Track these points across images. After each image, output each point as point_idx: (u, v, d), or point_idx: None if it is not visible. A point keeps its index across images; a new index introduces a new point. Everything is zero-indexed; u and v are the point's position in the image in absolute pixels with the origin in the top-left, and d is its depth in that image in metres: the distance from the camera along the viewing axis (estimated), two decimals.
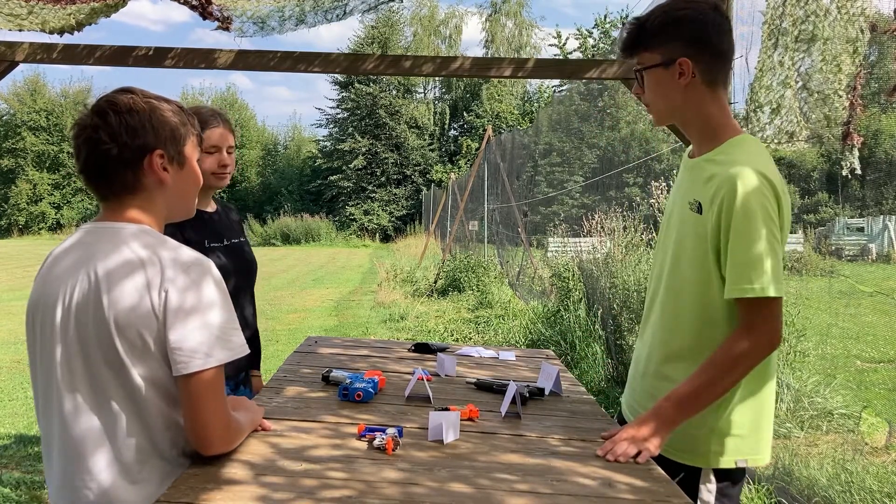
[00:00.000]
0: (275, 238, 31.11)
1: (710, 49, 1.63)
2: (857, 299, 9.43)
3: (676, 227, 1.74)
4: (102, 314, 1.32)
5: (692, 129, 1.73)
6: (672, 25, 1.63)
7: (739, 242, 1.54)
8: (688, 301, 1.67)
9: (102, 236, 1.39)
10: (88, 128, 1.37)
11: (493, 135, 14.45)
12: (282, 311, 10.65)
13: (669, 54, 1.62)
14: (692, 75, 1.62)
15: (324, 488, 1.33)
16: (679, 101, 1.66)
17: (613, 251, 6.46)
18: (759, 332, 1.55)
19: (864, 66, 2.61)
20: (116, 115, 1.36)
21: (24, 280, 15.12)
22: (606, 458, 1.55)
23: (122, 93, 1.41)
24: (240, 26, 3.63)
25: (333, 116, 36.13)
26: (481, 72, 3.69)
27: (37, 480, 3.82)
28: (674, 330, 1.71)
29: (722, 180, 1.58)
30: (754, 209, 1.53)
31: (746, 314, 1.57)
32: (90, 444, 1.34)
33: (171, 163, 1.42)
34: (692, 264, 1.66)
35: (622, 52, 1.74)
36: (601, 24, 28.74)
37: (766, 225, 1.53)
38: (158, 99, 1.44)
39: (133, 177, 1.38)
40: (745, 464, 1.67)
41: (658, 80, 1.66)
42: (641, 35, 1.67)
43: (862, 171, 2.61)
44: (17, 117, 35.71)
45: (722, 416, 1.64)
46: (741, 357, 1.55)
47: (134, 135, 1.36)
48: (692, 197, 1.67)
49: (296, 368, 2.30)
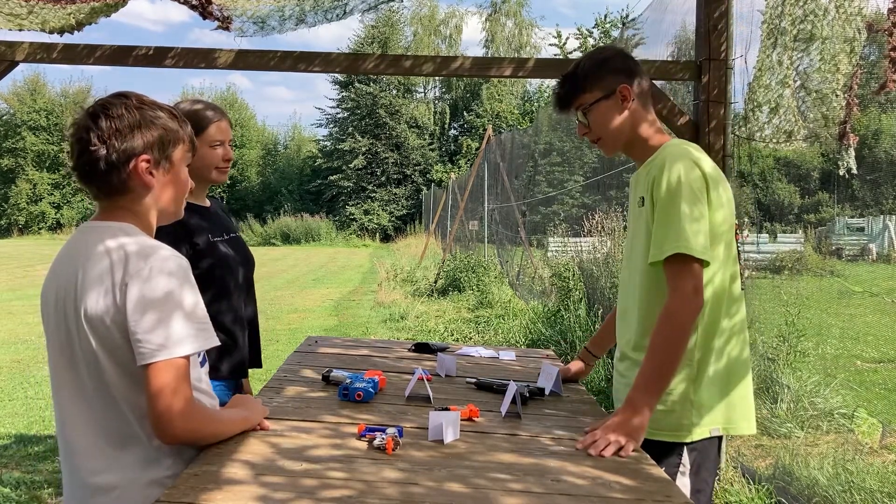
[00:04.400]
0: (275, 238, 31.11)
1: (636, 74, 1.86)
2: (857, 299, 9.44)
3: (632, 230, 1.92)
4: (77, 308, 1.39)
5: (636, 148, 1.92)
6: (601, 64, 1.86)
7: (662, 214, 1.73)
8: (644, 290, 1.84)
9: (90, 234, 1.45)
10: (81, 128, 1.42)
11: (493, 134, 14.46)
12: (282, 310, 10.65)
13: (609, 86, 1.84)
14: (632, 98, 1.84)
15: (324, 488, 1.33)
16: (626, 126, 1.87)
17: (614, 251, 6.46)
18: (679, 292, 1.69)
19: (861, 65, 2.61)
20: (107, 118, 1.41)
21: (23, 280, 15.13)
22: (590, 453, 1.58)
23: (116, 97, 1.46)
24: (240, 26, 3.63)
25: (333, 116, 36.15)
26: (481, 71, 3.70)
27: (37, 480, 3.82)
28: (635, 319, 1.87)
29: (655, 166, 1.80)
30: (676, 180, 1.72)
31: (668, 277, 1.73)
32: (77, 432, 1.44)
33: (157, 167, 1.47)
34: (643, 255, 1.81)
35: (560, 105, 1.95)
36: (601, 24, 28.74)
37: (689, 200, 1.70)
38: (153, 105, 1.48)
39: (119, 179, 1.43)
40: (719, 432, 1.80)
41: (604, 112, 1.85)
42: (577, 82, 1.87)
43: (861, 171, 2.62)
44: (17, 117, 35.73)
45: (696, 390, 1.78)
46: (671, 321, 1.69)
47: (121, 139, 1.41)
48: (638, 196, 1.88)
49: (296, 368, 2.30)
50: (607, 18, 28.72)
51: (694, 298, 1.69)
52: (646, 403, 1.66)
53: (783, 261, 12.36)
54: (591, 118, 1.87)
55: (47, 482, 3.80)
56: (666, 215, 1.71)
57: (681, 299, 1.69)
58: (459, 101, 36.40)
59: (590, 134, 1.90)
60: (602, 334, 2.31)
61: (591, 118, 1.87)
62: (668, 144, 1.86)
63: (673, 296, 1.70)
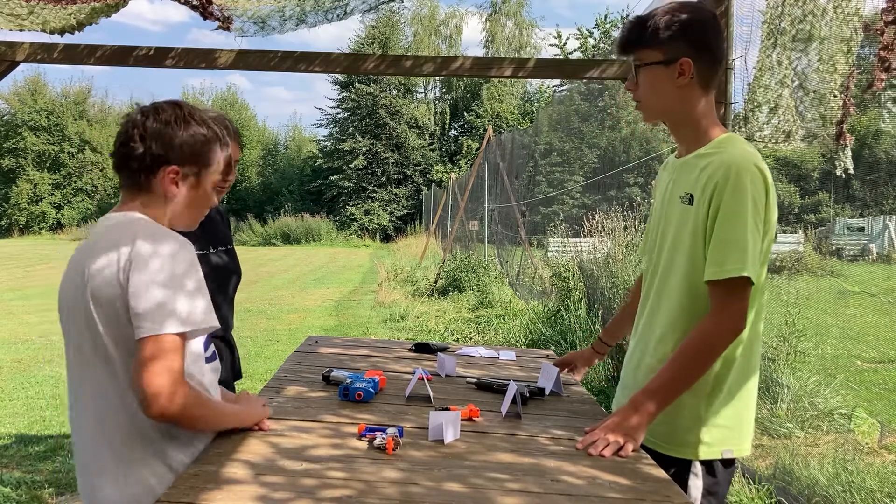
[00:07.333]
0: (275, 238, 31.10)
1: (710, 53, 1.68)
2: (856, 299, 9.44)
3: (668, 224, 1.76)
4: (84, 289, 1.43)
5: (683, 129, 1.77)
6: (676, 26, 1.66)
7: (724, 223, 1.59)
8: (680, 294, 1.71)
9: (107, 224, 1.51)
10: (129, 122, 1.49)
11: (493, 135, 14.44)
12: (282, 310, 10.65)
13: (672, 53, 1.66)
14: (691, 76, 1.67)
15: (324, 488, 1.33)
16: (674, 101, 1.71)
17: (614, 251, 6.46)
18: (726, 314, 1.59)
19: (858, 65, 2.61)
20: (154, 121, 1.48)
21: (24, 280, 15.13)
22: (588, 453, 1.57)
23: (170, 104, 1.53)
24: (240, 26, 3.63)
25: (334, 116, 36.12)
26: (482, 72, 3.70)
27: (37, 480, 3.82)
28: (667, 325, 1.74)
29: (715, 168, 1.62)
30: (744, 193, 1.57)
31: (716, 296, 1.61)
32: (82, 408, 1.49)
33: (185, 180, 1.52)
34: (685, 257, 1.69)
35: (621, 47, 1.77)
36: (601, 24, 28.74)
37: (753, 211, 1.58)
38: (201, 121, 1.53)
39: (146, 179, 1.49)
40: (731, 454, 1.70)
41: (656, 78, 1.70)
42: (644, 33, 1.69)
43: (861, 171, 2.63)
44: (17, 117, 35.69)
45: (710, 407, 1.67)
46: (708, 341, 1.60)
47: (159, 144, 1.47)
48: (683, 191, 1.71)
49: (296, 368, 2.31)
50: (607, 18, 28.75)
51: (738, 324, 1.60)
52: (649, 408, 1.61)
53: (783, 261, 12.36)
54: (641, 77, 1.72)
55: (48, 482, 3.80)
56: (731, 231, 1.57)
57: (724, 323, 1.59)
58: (460, 101, 36.38)
59: (636, 93, 1.76)
60: (618, 323, 2.19)
61: (641, 77, 1.72)
62: (731, 139, 1.70)
63: (719, 317, 1.59)
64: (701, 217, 1.64)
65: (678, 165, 1.78)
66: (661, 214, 1.83)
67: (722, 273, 1.58)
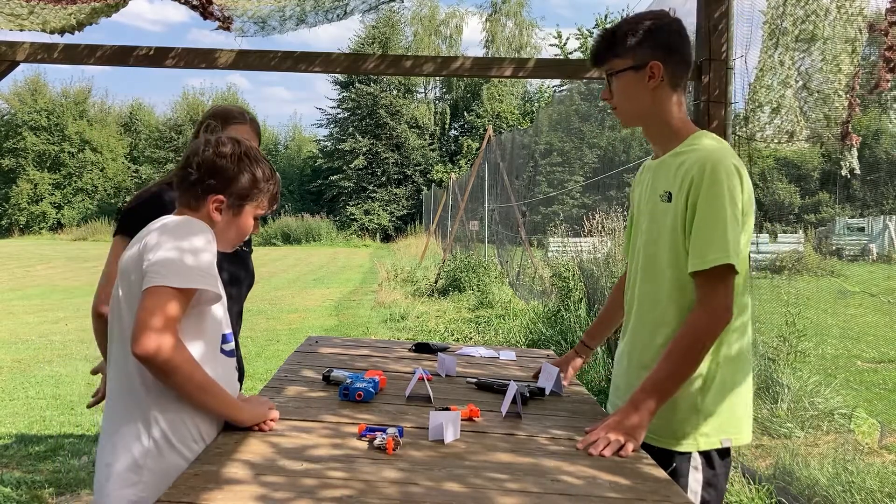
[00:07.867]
0: (275, 238, 31.10)
1: (678, 54, 1.76)
2: (857, 299, 9.43)
3: (652, 223, 1.80)
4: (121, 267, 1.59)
5: (656, 130, 1.82)
6: (642, 32, 1.74)
7: (704, 215, 1.64)
8: (666, 290, 1.74)
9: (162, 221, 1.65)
10: (192, 149, 1.67)
11: (493, 135, 14.45)
12: (282, 310, 10.65)
13: (641, 59, 1.73)
14: (661, 78, 1.73)
15: (324, 488, 1.33)
16: (647, 103, 1.77)
17: (614, 251, 6.46)
18: (713, 304, 1.63)
19: (863, 65, 2.61)
20: (213, 153, 1.64)
21: (24, 280, 15.14)
22: (589, 453, 1.57)
23: (232, 140, 1.68)
24: (240, 26, 3.62)
25: (334, 116, 36.14)
26: (482, 72, 3.69)
27: (38, 480, 3.82)
28: (656, 322, 1.76)
29: (691, 163, 1.68)
30: (720, 186, 1.63)
31: (702, 287, 1.65)
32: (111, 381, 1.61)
33: (228, 210, 1.67)
34: (668, 253, 1.73)
35: (593, 60, 1.84)
36: (601, 24, 28.75)
37: (731, 202, 1.63)
38: (255, 160, 1.69)
39: (194, 199, 1.66)
40: (730, 443, 1.73)
41: (628, 84, 1.76)
42: (612, 43, 1.78)
43: (861, 171, 2.62)
44: (17, 117, 35.70)
45: (705, 398, 1.71)
46: (698, 332, 1.63)
47: (212, 175, 1.63)
48: (662, 190, 1.76)
49: (296, 368, 2.31)
50: (607, 19, 28.75)
51: (725, 314, 1.63)
52: (649, 406, 1.62)
53: (783, 261, 12.37)
54: (614, 85, 1.78)
55: (48, 482, 3.80)
56: (711, 221, 1.62)
57: (712, 314, 1.62)
58: (460, 101, 36.39)
59: (611, 100, 1.82)
60: (600, 325, 2.21)
61: (614, 85, 1.78)
62: (704, 135, 1.77)
63: (705, 309, 1.63)
64: (680, 212, 1.69)
65: (655, 166, 1.84)
66: (641, 214, 1.88)
67: (705, 263, 1.62)
